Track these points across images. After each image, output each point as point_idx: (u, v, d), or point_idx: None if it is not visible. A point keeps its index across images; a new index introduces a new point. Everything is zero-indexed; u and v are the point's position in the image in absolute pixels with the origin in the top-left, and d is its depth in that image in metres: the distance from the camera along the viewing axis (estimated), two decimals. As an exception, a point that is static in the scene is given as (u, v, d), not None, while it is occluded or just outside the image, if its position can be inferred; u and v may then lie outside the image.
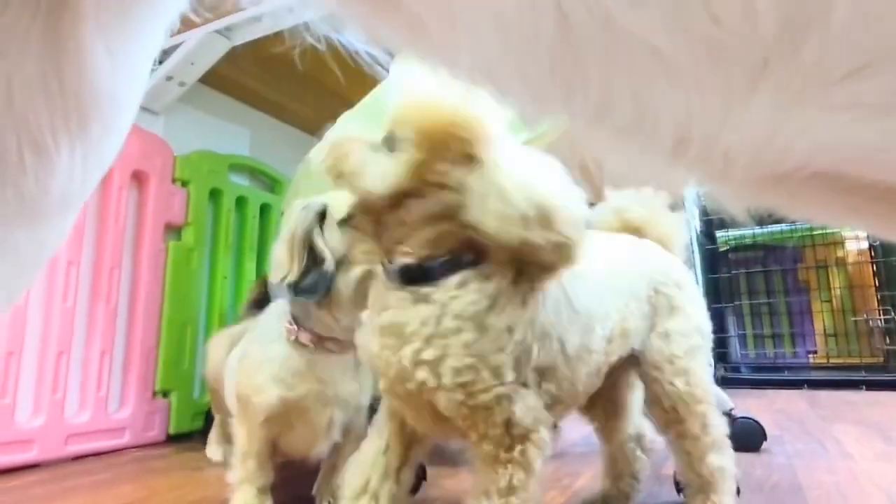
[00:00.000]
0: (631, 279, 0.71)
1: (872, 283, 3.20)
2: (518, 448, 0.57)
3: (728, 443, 0.73)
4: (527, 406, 0.58)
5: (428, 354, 0.56)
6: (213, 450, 1.32)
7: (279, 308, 0.92)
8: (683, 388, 0.70)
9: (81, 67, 0.37)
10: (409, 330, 0.57)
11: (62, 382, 1.32)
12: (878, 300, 3.19)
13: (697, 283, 0.75)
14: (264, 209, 1.92)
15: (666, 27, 0.15)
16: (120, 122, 0.44)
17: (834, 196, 0.20)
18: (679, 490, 0.91)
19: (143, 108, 1.62)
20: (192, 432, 1.56)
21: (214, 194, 1.75)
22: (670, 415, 0.71)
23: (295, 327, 0.87)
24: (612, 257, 0.72)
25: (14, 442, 1.21)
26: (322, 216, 0.86)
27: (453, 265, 0.58)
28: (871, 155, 0.16)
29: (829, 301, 3.35)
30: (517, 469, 0.57)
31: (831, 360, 3.25)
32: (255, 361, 0.89)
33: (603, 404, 0.85)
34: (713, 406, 0.72)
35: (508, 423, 0.57)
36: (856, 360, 3.16)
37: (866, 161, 0.17)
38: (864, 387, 2.58)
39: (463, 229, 0.56)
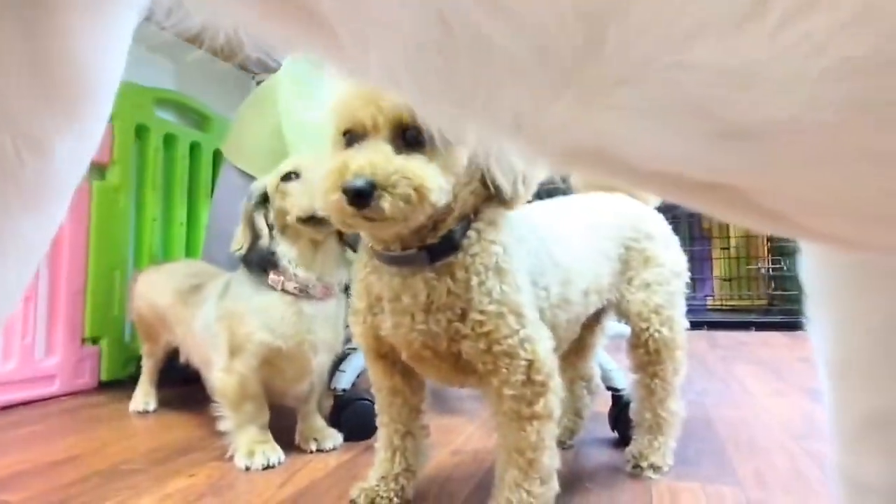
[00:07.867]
0: (602, 241, 0.77)
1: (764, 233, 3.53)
2: (541, 402, 0.61)
3: (680, 393, 0.83)
4: (547, 348, 0.62)
5: (454, 315, 0.60)
6: (138, 401, 1.29)
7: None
8: (668, 335, 0.79)
9: (64, 54, 0.37)
10: (440, 301, 0.60)
11: (-17, 331, 1.24)
12: (767, 249, 3.53)
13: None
14: (194, 148, 1.82)
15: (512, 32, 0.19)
16: (104, 101, 0.44)
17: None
18: (614, 427, 1.02)
19: (58, 32, 1.47)
20: (125, 379, 1.52)
21: (140, 131, 1.64)
22: (652, 356, 0.80)
23: (281, 277, 0.92)
24: (586, 221, 0.78)
25: (-66, 394, 1.14)
26: (264, 198, 0.96)
27: (467, 225, 0.62)
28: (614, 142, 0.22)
29: (727, 248, 3.67)
30: (544, 422, 0.61)
31: (725, 304, 3.60)
32: (244, 312, 0.93)
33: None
34: (685, 351, 0.82)
35: (531, 368, 0.60)
36: (747, 303, 3.52)
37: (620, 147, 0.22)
38: (753, 328, 2.90)
39: None
